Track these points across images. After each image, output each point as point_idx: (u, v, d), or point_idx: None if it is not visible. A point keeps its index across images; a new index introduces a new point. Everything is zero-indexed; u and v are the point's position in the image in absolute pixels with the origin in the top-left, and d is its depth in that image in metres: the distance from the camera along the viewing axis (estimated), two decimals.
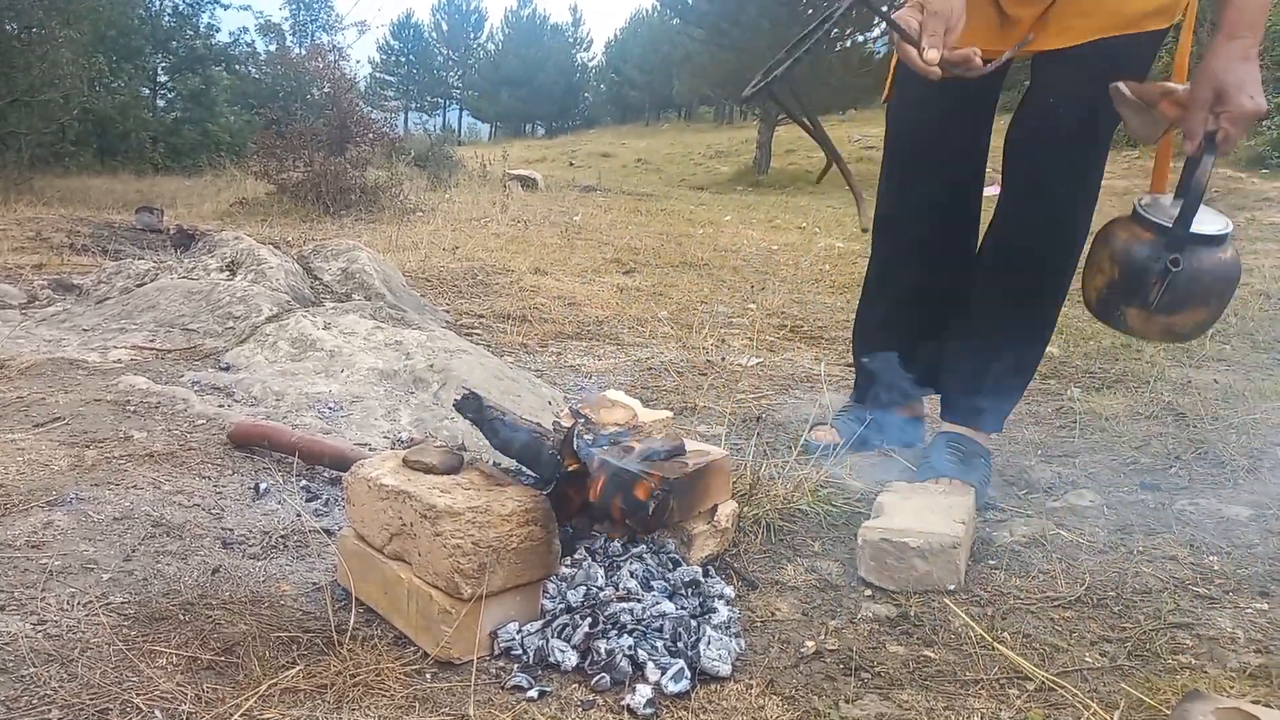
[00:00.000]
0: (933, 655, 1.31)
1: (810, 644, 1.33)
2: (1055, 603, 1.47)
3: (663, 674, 1.19)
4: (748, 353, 3.31)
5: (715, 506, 1.56)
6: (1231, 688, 1.23)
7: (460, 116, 67.01)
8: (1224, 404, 2.60)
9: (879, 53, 18.15)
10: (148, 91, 22.73)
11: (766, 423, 2.44)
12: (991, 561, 1.62)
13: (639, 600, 1.31)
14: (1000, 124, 1.96)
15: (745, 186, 17.72)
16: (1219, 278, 1.56)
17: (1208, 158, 1.53)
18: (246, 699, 1.11)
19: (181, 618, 1.29)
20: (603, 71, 63.47)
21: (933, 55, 1.51)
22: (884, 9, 1.57)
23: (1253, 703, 1.07)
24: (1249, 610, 1.45)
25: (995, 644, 1.31)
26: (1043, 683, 1.22)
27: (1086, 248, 1.79)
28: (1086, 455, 2.19)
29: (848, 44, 20.37)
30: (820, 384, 2.85)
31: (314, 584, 1.44)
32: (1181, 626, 1.40)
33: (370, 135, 10.26)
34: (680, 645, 1.24)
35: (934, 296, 2.09)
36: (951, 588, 1.49)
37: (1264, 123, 12.20)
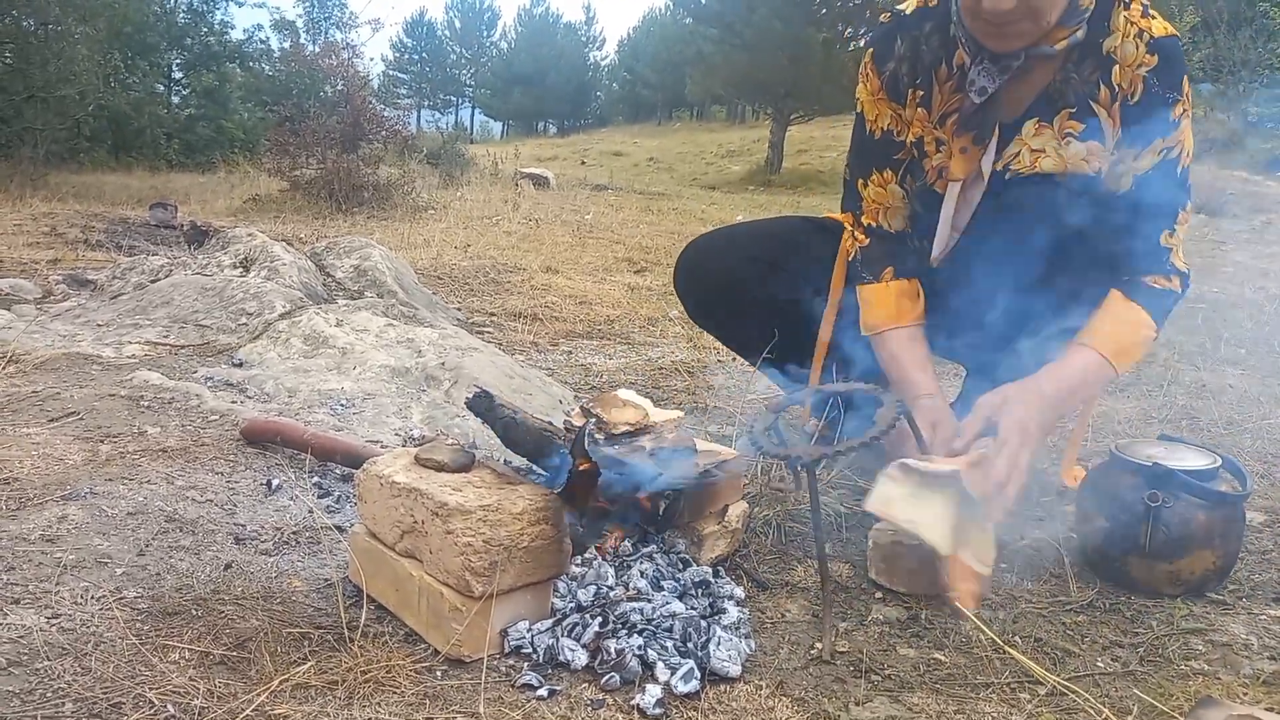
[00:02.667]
0: (943, 658, 1.30)
1: (820, 645, 1.33)
2: (1067, 607, 1.47)
3: (672, 674, 1.19)
4: None
5: (726, 507, 1.56)
6: (1245, 694, 1.22)
7: (473, 114, 67.19)
8: (1238, 409, 2.59)
9: None
10: (162, 88, 22.83)
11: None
12: (1003, 565, 1.62)
13: (649, 600, 1.31)
14: None
15: (757, 186, 17.69)
16: (1214, 515, 1.47)
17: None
18: (258, 694, 1.11)
19: (194, 613, 1.30)
20: (615, 70, 63.54)
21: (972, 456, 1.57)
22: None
23: (1266, 709, 1.06)
24: (1263, 616, 1.44)
25: (1007, 648, 1.31)
26: (1054, 687, 1.22)
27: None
28: (1100, 458, 2.18)
29: (860, 43, 20.32)
30: None
31: (325, 580, 1.45)
32: (1194, 632, 1.39)
33: (383, 133, 10.27)
34: (690, 646, 1.24)
35: None
36: None
37: None
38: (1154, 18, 1.56)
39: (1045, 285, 1.61)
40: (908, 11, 1.72)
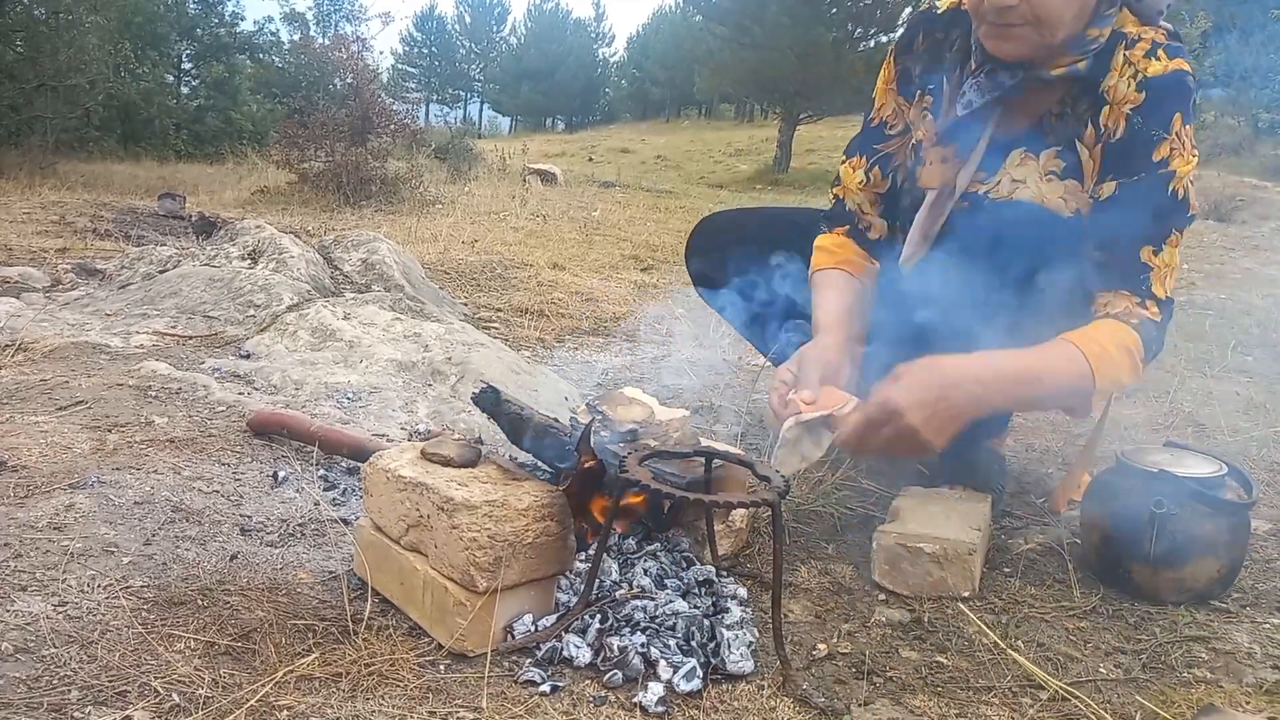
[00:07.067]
0: (946, 661, 1.30)
1: (823, 646, 1.33)
2: (1070, 612, 1.47)
3: (675, 672, 1.19)
4: None
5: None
6: (1248, 703, 1.22)
7: (481, 109, 67.26)
8: (1245, 416, 2.58)
9: None
10: (172, 78, 22.90)
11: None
12: (1007, 569, 1.62)
13: (652, 598, 1.31)
14: None
15: (764, 185, 17.67)
16: (1219, 522, 1.47)
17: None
18: (262, 685, 1.12)
19: (200, 603, 1.30)
20: (624, 67, 63.62)
21: (807, 395, 1.52)
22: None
23: (1269, 719, 1.06)
24: (1266, 625, 1.44)
25: (1009, 651, 1.31)
26: (1056, 692, 1.22)
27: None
28: (1105, 464, 2.18)
29: (870, 44, 20.31)
30: None
31: (330, 573, 1.45)
32: (1198, 640, 1.39)
33: (391, 126, 10.28)
34: (693, 644, 1.25)
35: None
36: (966, 594, 1.48)
37: None
38: (1158, 58, 1.48)
39: (1010, 308, 1.55)
40: (940, 9, 1.72)
